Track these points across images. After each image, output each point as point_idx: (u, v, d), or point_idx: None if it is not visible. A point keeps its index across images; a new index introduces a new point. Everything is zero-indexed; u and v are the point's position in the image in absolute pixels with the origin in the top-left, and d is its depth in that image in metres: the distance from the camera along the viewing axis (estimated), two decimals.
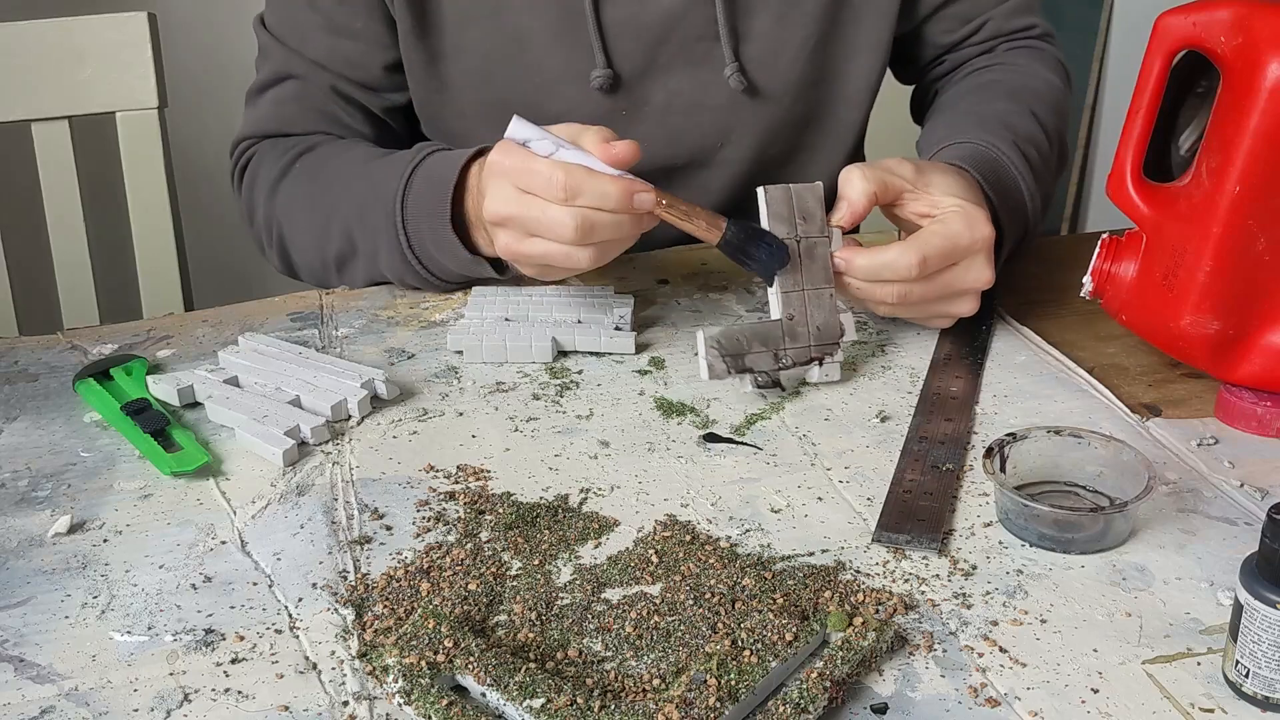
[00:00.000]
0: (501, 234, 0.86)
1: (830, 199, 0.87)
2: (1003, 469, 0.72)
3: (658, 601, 0.65)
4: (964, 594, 0.66)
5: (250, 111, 1.10)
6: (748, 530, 0.72)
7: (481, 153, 0.90)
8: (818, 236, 0.86)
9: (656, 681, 0.60)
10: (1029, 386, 0.87)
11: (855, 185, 0.86)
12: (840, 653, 0.60)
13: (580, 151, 0.82)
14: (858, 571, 0.68)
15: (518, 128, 0.83)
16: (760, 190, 0.85)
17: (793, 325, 0.86)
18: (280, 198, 1.04)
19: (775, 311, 0.86)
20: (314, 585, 0.67)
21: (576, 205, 0.81)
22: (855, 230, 0.98)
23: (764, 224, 0.85)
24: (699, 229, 0.84)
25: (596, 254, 0.83)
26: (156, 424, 0.80)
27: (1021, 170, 0.97)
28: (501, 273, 0.95)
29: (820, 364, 0.86)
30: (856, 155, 1.17)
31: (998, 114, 1.04)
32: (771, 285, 0.86)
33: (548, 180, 0.81)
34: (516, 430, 0.82)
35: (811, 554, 0.70)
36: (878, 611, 0.65)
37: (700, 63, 1.05)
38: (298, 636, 0.64)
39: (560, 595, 0.66)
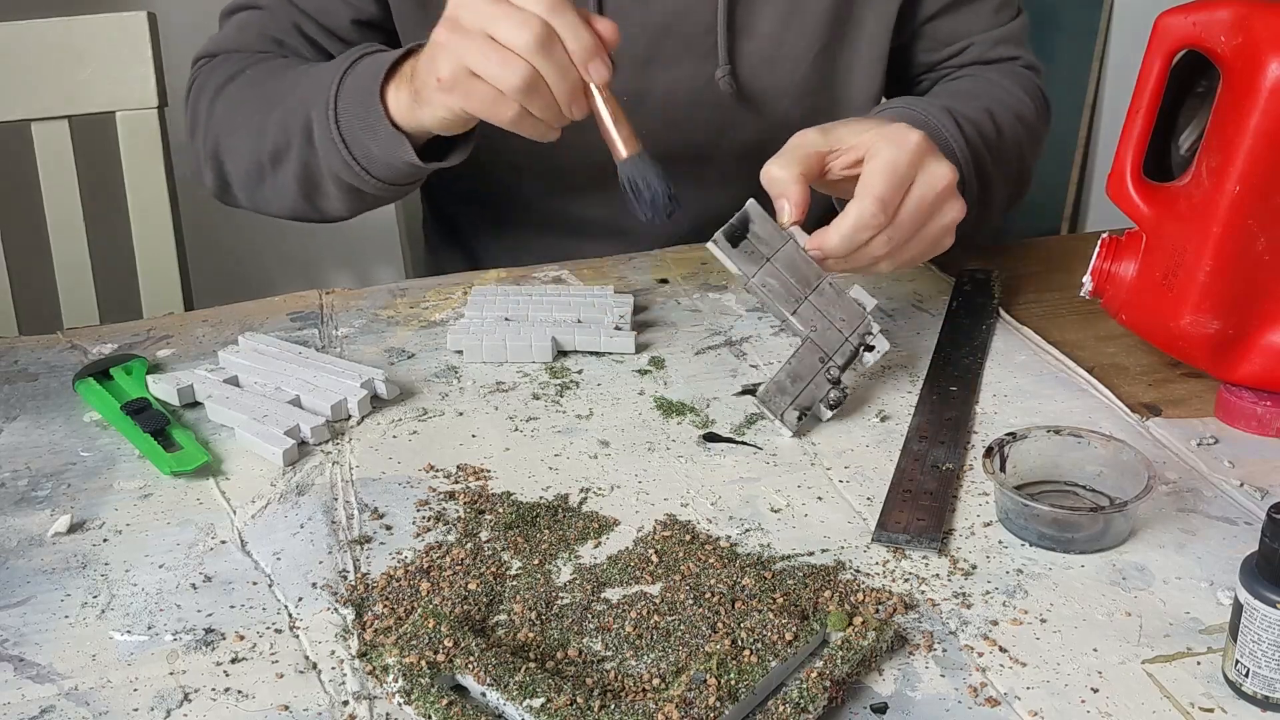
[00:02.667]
0: (454, 15, 0.81)
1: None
2: (1003, 469, 0.72)
3: (658, 601, 0.65)
4: (964, 594, 0.66)
5: (215, 32, 1.10)
6: (748, 530, 0.72)
7: None
8: (781, 246, 0.83)
9: (656, 681, 0.60)
10: (1029, 386, 0.87)
11: (778, 176, 0.84)
12: (840, 652, 0.60)
13: None
14: (858, 571, 0.68)
15: None
16: (711, 246, 0.83)
17: (821, 334, 0.83)
18: (222, 101, 1.03)
19: (798, 332, 0.84)
20: (314, 585, 0.67)
21: (542, 34, 0.78)
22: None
23: (733, 270, 0.82)
24: (614, 134, 0.82)
25: (528, 80, 0.79)
26: (156, 424, 0.80)
27: (954, 136, 0.96)
28: (424, 161, 0.91)
29: (868, 350, 0.84)
30: None
31: (943, 103, 1.02)
32: (645, 221, 0.84)
33: None
34: (516, 430, 0.82)
35: (811, 554, 0.70)
36: (878, 611, 0.65)
37: (704, 58, 1.05)
38: (298, 636, 0.64)
39: (560, 595, 0.66)
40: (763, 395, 0.81)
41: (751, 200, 0.85)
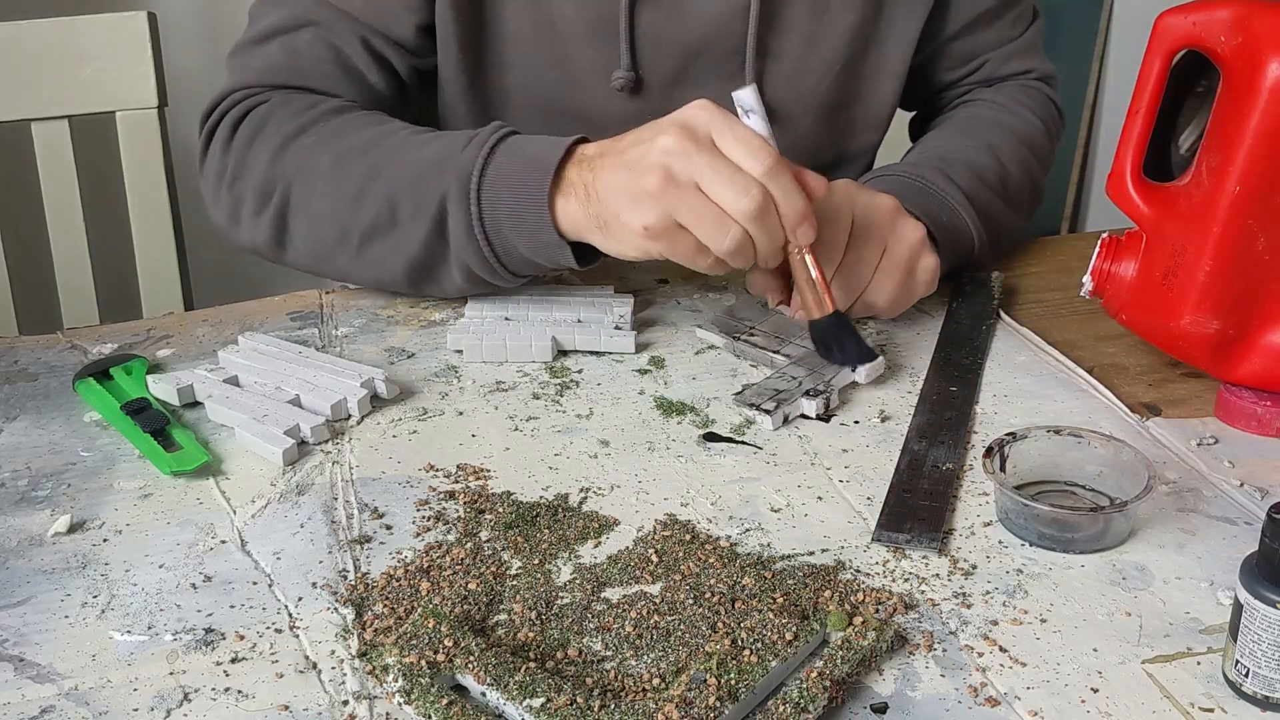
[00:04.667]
0: (666, 165, 0.79)
1: None
2: (1003, 468, 0.72)
3: (658, 601, 0.65)
4: (964, 593, 0.66)
5: (248, 60, 1.00)
6: (748, 530, 0.72)
7: (581, 141, 0.86)
8: (768, 316, 0.93)
9: (656, 681, 0.60)
10: (1029, 386, 0.87)
11: (755, 280, 0.92)
12: (840, 652, 0.60)
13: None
14: (858, 571, 0.68)
15: (748, 95, 0.83)
16: (698, 331, 0.93)
17: (810, 356, 0.87)
18: (294, 155, 0.94)
19: (783, 364, 0.88)
20: (314, 585, 0.67)
21: (757, 196, 0.78)
22: None
23: (718, 342, 0.91)
24: (806, 298, 0.85)
25: (739, 243, 0.79)
26: (156, 423, 0.80)
27: (948, 192, 0.97)
28: (581, 265, 0.87)
29: (854, 369, 0.86)
30: None
31: (938, 149, 1.04)
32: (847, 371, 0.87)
33: (758, 148, 0.78)
34: (516, 430, 0.82)
35: (811, 553, 0.70)
36: (878, 611, 0.65)
37: (731, 78, 1.04)
38: (298, 636, 0.64)
39: (560, 595, 0.66)
40: (742, 398, 0.83)
41: (730, 303, 0.96)
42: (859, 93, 1.10)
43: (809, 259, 0.83)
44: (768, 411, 0.81)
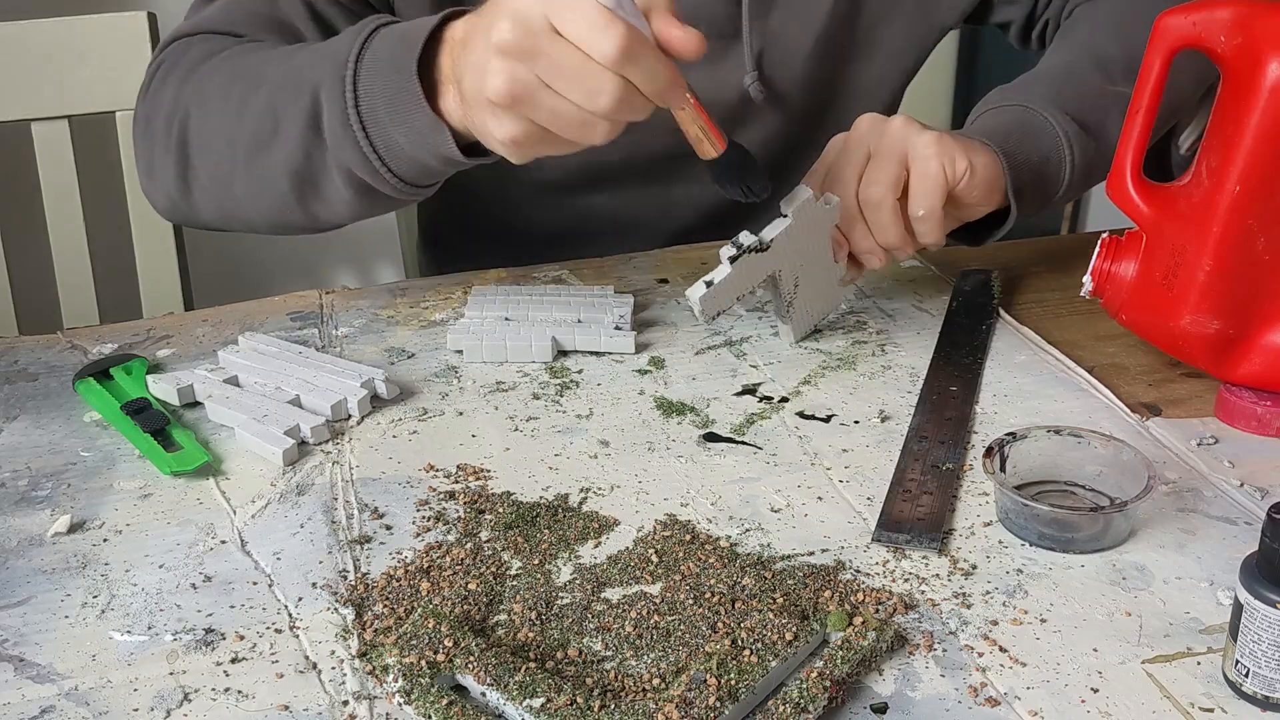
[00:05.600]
0: (506, 68, 0.70)
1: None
2: (1003, 468, 0.72)
3: (658, 601, 0.65)
4: (964, 593, 0.66)
5: (193, 14, 0.97)
6: (748, 530, 0.72)
7: (463, 14, 0.77)
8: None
9: (656, 681, 0.60)
10: (1029, 386, 0.87)
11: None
12: (840, 652, 0.60)
13: (642, 21, 0.71)
14: (858, 571, 0.68)
15: None
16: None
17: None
18: (195, 81, 0.89)
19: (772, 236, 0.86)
20: (314, 585, 0.67)
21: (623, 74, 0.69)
22: None
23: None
24: (703, 145, 0.80)
25: (612, 130, 0.73)
26: (156, 423, 0.80)
27: (1017, 100, 0.96)
28: (467, 156, 0.80)
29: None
30: None
31: (1053, 68, 1.01)
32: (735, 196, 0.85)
33: (603, 30, 0.67)
34: (516, 430, 0.82)
35: (811, 553, 0.70)
36: (878, 611, 0.65)
37: (719, 60, 1.05)
38: (298, 636, 0.64)
39: (560, 595, 0.66)
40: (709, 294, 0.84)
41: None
42: (846, 69, 1.10)
43: (682, 113, 0.78)
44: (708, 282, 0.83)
